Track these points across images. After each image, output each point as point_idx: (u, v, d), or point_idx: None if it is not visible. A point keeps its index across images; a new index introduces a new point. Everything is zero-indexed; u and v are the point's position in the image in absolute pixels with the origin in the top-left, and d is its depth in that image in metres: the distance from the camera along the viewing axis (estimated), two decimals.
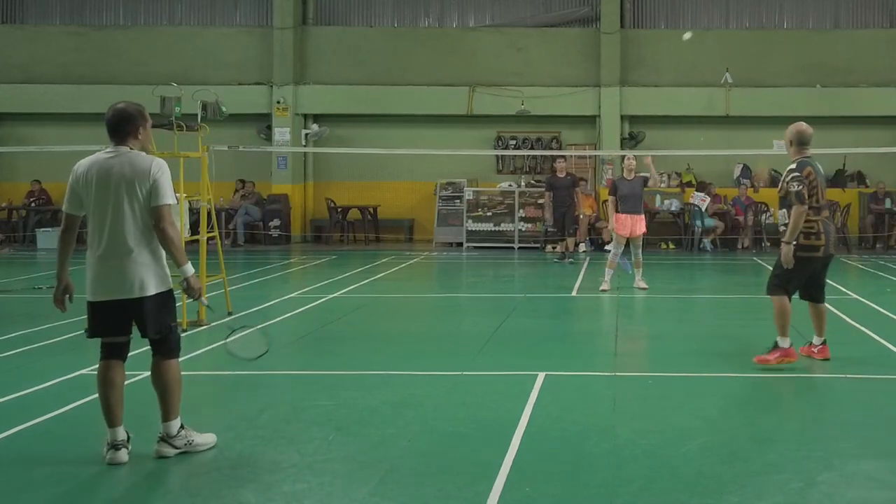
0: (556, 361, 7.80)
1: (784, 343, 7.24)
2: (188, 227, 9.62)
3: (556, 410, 6.05)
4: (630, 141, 21.17)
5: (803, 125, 7.42)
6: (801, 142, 7.35)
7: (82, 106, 20.69)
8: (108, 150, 5.01)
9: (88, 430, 5.69)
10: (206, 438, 5.18)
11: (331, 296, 11.88)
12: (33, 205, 20.69)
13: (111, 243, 4.88)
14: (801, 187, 7.07)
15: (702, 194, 19.35)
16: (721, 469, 4.73)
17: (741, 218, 19.75)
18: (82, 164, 5.00)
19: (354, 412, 6.01)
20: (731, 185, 20.95)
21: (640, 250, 12.54)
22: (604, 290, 12.08)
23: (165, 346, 5.05)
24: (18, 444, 5.32)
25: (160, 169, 4.95)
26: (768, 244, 19.62)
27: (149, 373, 5.16)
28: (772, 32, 21.61)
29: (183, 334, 8.64)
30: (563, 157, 18.40)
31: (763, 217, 19.93)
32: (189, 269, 4.99)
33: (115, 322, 4.96)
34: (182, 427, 5.09)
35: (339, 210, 20.92)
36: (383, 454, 5.08)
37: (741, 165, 21.12)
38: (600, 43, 21.22)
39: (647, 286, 12.29)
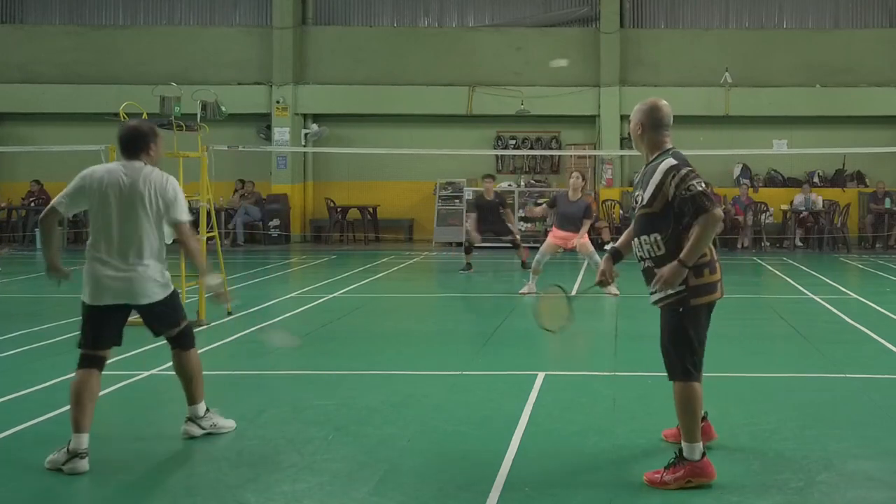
0: (555, 361, 7.80)
1: (693, 452, 4.61)
2: None
3: (555, 410, 6.05)
4: (630, 140, 21.15)
5: (659, 101, 4.86)
6: (657, 124, 4.81)
7: (82, 106, 20.73)
8: (121, 163, 5.16)
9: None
10: (228, 423, 5.58)
11: (330, 296, 11.88)
12: (32, 205, 20.68)
13: (122, 253, 5.01)
14: (705, 186, 4.71)
15: None
16: (721, 469, 4.72)
17: (741, 218, 19.75)
18: (96, 171, 5.12)
19: (354, 412, 6.00)
20: (730, 184, 20.97)
21: (594, 257, 11.97)
22: (522, 293, 11.72)
23: (183, 339, 5.36)
24: (17, 445, 5.31)
25: (176, 187, 5.15)
26: (767, 244, 19.64)
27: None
28: (772, 32, 21.63)
29: None
30: (492, 177, 16.45)
31: (763, 217, 19.95)
32: (212, 279, 5.40)
33: (114, 332, 5.10)
34: (207, 409, 5.47)
35: (339, 210, 20.93)
36: (383, 454, 5.08)
37: (741, 165, 21.16)
38: (600, 43, 21.25)
39: (617, 292, 11.63)
